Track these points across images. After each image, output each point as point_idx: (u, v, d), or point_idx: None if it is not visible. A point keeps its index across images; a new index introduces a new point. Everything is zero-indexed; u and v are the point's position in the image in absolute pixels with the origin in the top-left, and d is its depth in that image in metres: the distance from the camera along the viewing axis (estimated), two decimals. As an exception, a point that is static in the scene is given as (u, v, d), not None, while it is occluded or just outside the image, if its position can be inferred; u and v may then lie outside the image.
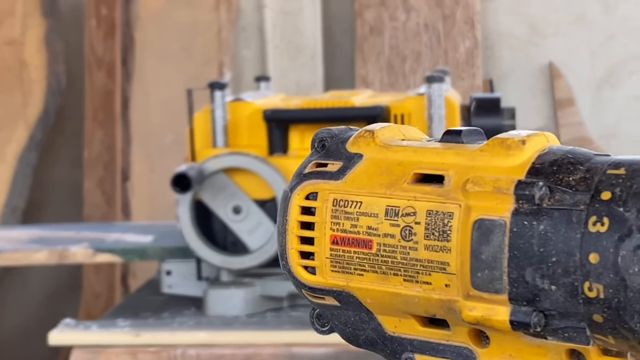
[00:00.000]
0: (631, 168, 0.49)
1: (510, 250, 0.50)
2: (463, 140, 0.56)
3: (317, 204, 0.55)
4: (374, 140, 0.56)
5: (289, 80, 3.24)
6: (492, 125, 1.63)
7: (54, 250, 1.73)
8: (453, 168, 0.52)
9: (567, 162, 0.51)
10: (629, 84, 3.35)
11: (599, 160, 0.51)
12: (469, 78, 3.25)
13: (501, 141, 0.53)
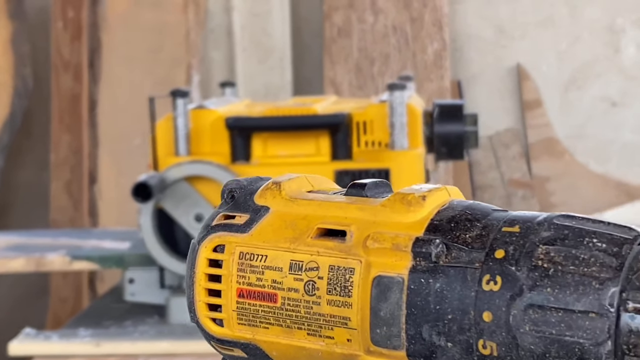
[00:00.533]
0: (525, 226, 0.50)
1: (407, 308, 0.51)
2: (367, 193, 0.56)
3: (224, 256, 0.56)
4: (280, 193, 0.56)
5: (257, 82, 3.23)
6: (455, 132, 1.64)
7: (30, 258, 1.72)
8: (355, 223, 0.52)
9: (464, 219, 0.51)
10: (595, 86, 3.37)
11: (496, 216, 0.51)
12: (437, 80, 3.26)
13: (402, 197, 0.54)
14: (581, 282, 0.46)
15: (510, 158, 3.41)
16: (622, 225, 0.47)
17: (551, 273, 0.46)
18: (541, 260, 0.46)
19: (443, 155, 1.65)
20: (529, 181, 3.40)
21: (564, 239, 0.46)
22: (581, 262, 0.46)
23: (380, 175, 1.48)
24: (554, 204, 3.40)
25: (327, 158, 1.52)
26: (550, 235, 0.47)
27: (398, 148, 1.49)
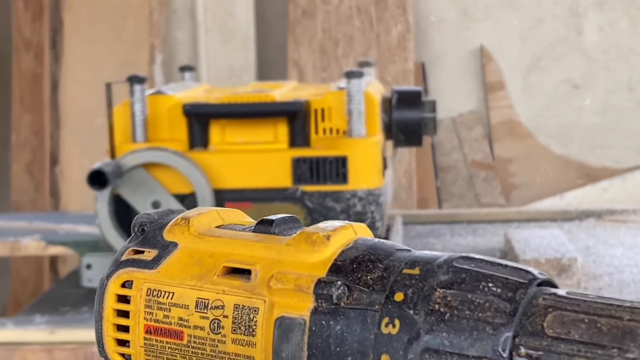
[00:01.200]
0: (425, 268, 0.49)
1: (309, 349, 0.50)
2: (275, 230, 0.56)
3: (132, 292, 0.55)
4: (189, 229, 0.56)
5: (221, 63, 3.21)
6: (413, 118, 1.64)
7: (5, 242, 1.70)
8: (261, 262, 0.52)
9: (367, 260, 0.51)
10: (558, 68, 3.38)
11: (398, 257, 0.51)
12: (401, 62, 3.26)
13: (307, 236, 0.53)
14: (476, 327, 0.46)
15: (473, 140, 3.42)
16: (520, 268, 0.47)
17: (447, 317, 0.46)
18: (438, 304, 0.46)
19: (401, 141, 1.65)
20: (491, 163, 3.41)
21: (461, 283, 0.46)
22: (476, 307, 0.46)
23: (337, 163, 1.48)
24: (516, 185, 3.42)
25: (284, 145, 1.51)
26: (448, 278, 0.47)
27: (355, 136, 1.49)
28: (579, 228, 1.95)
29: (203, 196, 1.46)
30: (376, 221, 1.48)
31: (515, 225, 1.99)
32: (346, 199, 1.47)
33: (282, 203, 1.48)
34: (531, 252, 1.58)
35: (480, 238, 1.91)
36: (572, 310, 0.46)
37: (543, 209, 2.15)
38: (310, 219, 1.48)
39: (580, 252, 1.72)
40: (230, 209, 0.60)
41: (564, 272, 1.53)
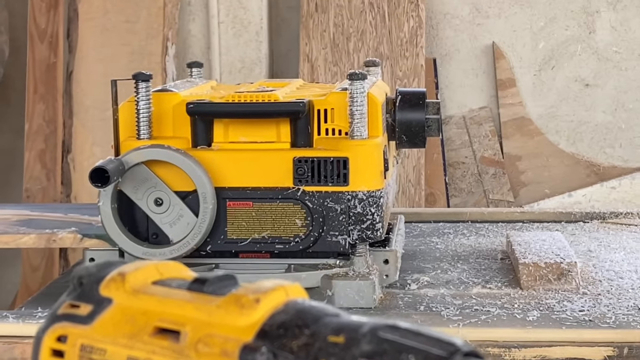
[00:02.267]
0: (350, 336, 0.48)
1: None
2: (207, 290, 0.54)
3: (66, 347, 0.55)
4: (124, 285, 0.55)
5: (233, 56, 3.21)
6: (417, 120, 1.63)
7: (42, 234, 1.71)
8: (191, 323, 0.51)
9: (294, 325, 0.50)
10: (569, 66, 3.36)
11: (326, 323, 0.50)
12: (412, 57, 3.24)
13: (236, 298, 0.52)
14: None
15: (482, 136, 3.41)
16: (444, 339, 0.46)
17: None
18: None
19: (404, 143, 1.64)
20: (500, 159, 3.40)
21: (382, 354, 0.46)
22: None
23: (338, 164, 1.48)
24: (525, 182, 3.40)
25: (287, 145, 1.51)
26: (371, 349, 0.46)
27: (357, 137, 1.48)
28: (582, 230, 1.94)
29: (204, 194, 1.46)
30: (376, 223, 1.47)
31: (518, 226, 1.98)
32: (346, 200, 1.47)
33: (283, 203, 1.48)
34: (531, 255, 1.58)
35: (484, 238, 1.90)
36: None
37: (547, 210, 2.14)
38: (310, 218, 1.48)
39: (581, 255, 1.71)
40: (170, 263, 0.59)
41: (563, 277, 1.53)
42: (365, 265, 1.51)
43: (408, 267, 1.69)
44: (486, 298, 1.49)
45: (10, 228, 1.77)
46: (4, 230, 1.75)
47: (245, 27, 3.21)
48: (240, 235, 1.50)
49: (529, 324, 1.35)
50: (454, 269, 1.67)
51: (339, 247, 1.49)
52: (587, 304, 1.44)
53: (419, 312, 1.43)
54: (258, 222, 1.49)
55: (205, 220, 1.47)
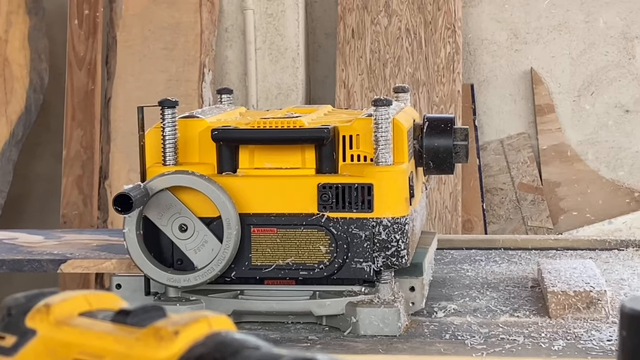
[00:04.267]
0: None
1: None
2: (130, 321, 0.53)
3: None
4: (48, 317, 0.54)
5: (270, 81, 3.23)
6: (444, 146, 1.62)
7: (123, 259, 1.72)
8: (110, 356, 0.51)
9: (212, 358, 0.48)
10: (608, 92, 3.33)
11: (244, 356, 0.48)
12: (449, 83, 3.23)
13: (156, 331, 0.51)
14: None
15: (521, 162, 3.38)
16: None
17: None
18: None
19: (432, 169, 1.63)
20: (539, 186, 3.37)
21: None
22: None
23: (363, 190, 1.47)
24: (564, 209, 3.36)
25: (312, 171, 1.50)
26: None
27: (382, 163, 1.47)
28: (617, 258, 1.90)
29: (228, 220, 1.46)
30: (401, 250, 1.46)
31: (551, 253, 1.96)
32: (371, 226, 1.46)
33: (307, 229, 1.47)
34: (561, 284, 1.55)
35: (515, 265, 1.88)
36: None
37: (581, 237, 2.10)
38: (334, 245, 1.47)
39: (613, 284, 1.68)
40: (102, 294, 0.58)
41: (592, 306, 1.50)
42: (391, 292, 1.49)
43: (436, 294, 1.67)
44: (513, 327, 1.47)
45: (91, 253, 1.79)
46: (85, 255, 1.76)
47: (282, 54, 3.22)
48: (264, 261, 1.49)
49: (554, 353, 1.33)
50: (483, 297, 1.65)
51: (364, 274, 1.48)
52: (615, 333, 1.41)
53: (444, 340, 1.41)
54: (282, 249, 1.49)
55: (229, 246, 1.47)
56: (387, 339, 1.43)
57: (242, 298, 1.51)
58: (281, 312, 1.50)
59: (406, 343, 1.40)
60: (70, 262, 1.68)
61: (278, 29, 3.21)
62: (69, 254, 1.72)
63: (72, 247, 1.79)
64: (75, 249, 1.77)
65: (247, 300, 1.50)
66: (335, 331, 1.47)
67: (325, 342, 1.43)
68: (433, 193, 3.16)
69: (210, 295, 1.52)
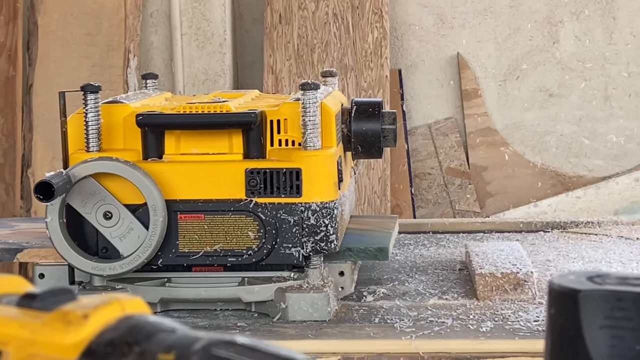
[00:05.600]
0: (181, 354, 0.46)
1: None
2: (37, 305, 0.51)
3: None
4: None
5: (197, 67, 3.19)
6: (372, 130, 1.62)
7: None
8: (14, 342, 0.49)
9: (124, 343, 0.47)
10: (533, 77, 3.37)
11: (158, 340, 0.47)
12: (377, 68, 3.24)
13: (63, 315, 0.49)
14: None
15: (448, 147, 3.41)
16: (284, 355, 0.44)
17: None
18: None
19: (360, 153, 1.63)
20: (466, 170, 3.40)
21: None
22: None
23: (291, 175, 1.46)
24: (491, 192, 3.40)
25: (239, 156, 1.49)
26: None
27: (310, 148, 1.46)
28: (542, 240, 1.93)
29: (155, 207, 1.43)
30: (330, 234, 1.45)
31: (479, 236, 1.97)
32: (300, 211, 1.45)
33: (235, 215, 1.46)
34: (488, 266, 1.57)
35: (443, 249, 1.89)
36: None
37: (508, 220, 2.13)
38: (263, 231, 1.46)
39: (539, 265, 1.70)
40: (8, 277, 0.57)
41: (519, 287, 1.52)
42: (320, 277, 1.49)
43: (365, 278, 1.67)
44: (442, 309, 1.47)
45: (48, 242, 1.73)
46: (42, 244, 1.68)
47: (208, 39, 3.19)
48: (192, 248, 1.47)
49: (482, 334, 1.34)
50: (412, 280, 1.65)
51: (293, 259, 1.47)
52: (542, 314, 1.43)
53: (373, 324, 1.41)
54: (210, 235, 1.47)
55: (155, 233, 1.44)
56: (317, 324, 1.43)
57: (169, 286, 1.49)
58: (209, 299, 1.48)
59: (336, 328, 1.40)
60: (27, 252, 1.64)
61: (204, 14, 3.17)
62: (24, 243, 1.67)
63: (27, 236, 1.74)
64: (30, 238, 1.72)
65: (175, 288, 1.48)
66: (264, 317, 1.46)
67: (255, 329, 1.41)
68: (362, 178, 3.17)
69: (137, 284, 1.50)
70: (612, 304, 0.44)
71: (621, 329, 0.44)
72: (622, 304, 0.44)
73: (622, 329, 0.44)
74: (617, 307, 0.44)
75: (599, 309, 0.44)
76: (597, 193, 3.31)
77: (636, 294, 0.44)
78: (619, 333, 0.44)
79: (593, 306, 0.44)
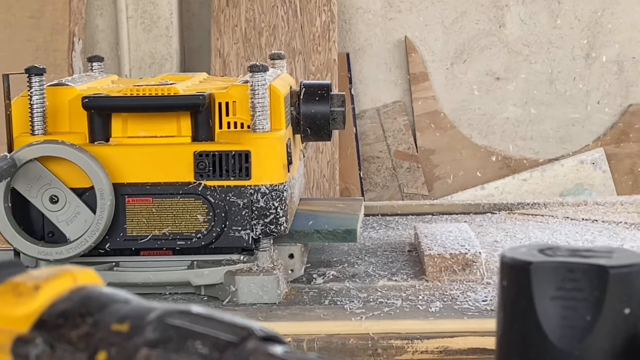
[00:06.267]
0: (135, 324, 0.45)
1: None
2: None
3: None
4: None
5: (143, 51, 3.16)
6: (321, 113, 1.62)
7: None
8: None
9: (76, 314, 0.46)
10: (479, 60, 3.39)
11: (112, 310, 0.47)
12: (325, 52, 3.23)
13: (14, 286, 0.49)
14: None
15: (396, 130, 3.42)
16: (239, 324, 0.44)
17: None
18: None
19: (309, 136, 1.63)
20: (414, 153, 3.41)
21: (167, 342, 0.43)
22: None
23: (240, 157, 1.45)
24: (439, 175, 3.42)
25: (187, 139, 1.48)
26: (155, 336, 0.43)
27: (259, 130, 1.46)
28: (490, 221, 1.95)
29: (102, 190, 1.42)
30: (280, 217, 1.45)
31: (428, 218, 1.99)
32: (249, 194, 1.44)
33: (184, 198, 1.45)
34: (437, 247, 1.58)
35: (392, 231, 1.90)
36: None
37: (456, 202, 2.14)
38: (212, 214, 1.45)
39: (487, 246, 1.72)
40: None
41: (467, 267, 1.53)
42: (270, 260, 1.49)
43: (315, 261, 1.67)
44: (391, 290, 1.48)
45: None
46: None
47: (154, 22, 3.15)
48: (140, 232, 1.46)
49: (432, 315, 1.35)
50: (361, 262, 1.66)
51: (242, 242, 1.47)
52: (490, 294, 1.44)
53: (323, 306, 1.42)
54: (158, 219, 1.46)
55: (103, 217, 1.43)
56: (267, 306, 1.42)
57: (117, 270, 1.48)
58: (158, 283, 1.47)
59: (286, 310, 1.40)
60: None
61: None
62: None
63: None
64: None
65: (123, 272, 1.47)
66: (214, 300, 1.46)
67: (204, 312, 1.40)
68: (311, 162, 3.17)
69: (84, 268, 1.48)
70: (563, 275, 0.45)
71: (572, 300, 0.44)
72: (573, 275, 0.44)
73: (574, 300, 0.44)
74: (568, 279, 0.44)
75: (550, 281, 0.45)
76: (543, 175, 3.36)
77: (587, 265, 0.45)
78: (570, 304, 0.44)
79: (544, 278, 0.45)
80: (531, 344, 0.45)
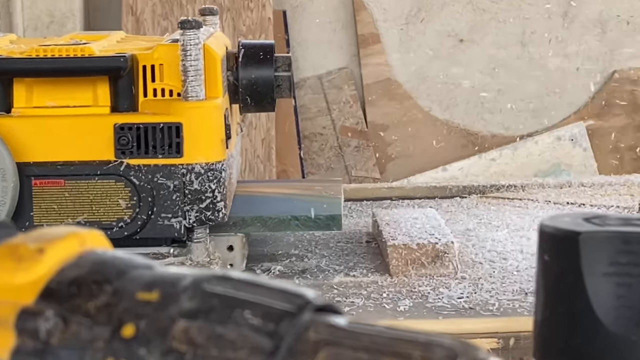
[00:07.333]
0: (166, 292, 0.45)
1: None
2: None
3: None
4: None
5: (39, 8, 3.12)
6: (264, 78, 1.61)
7: None
8: None
9: (91, 281, 0.46)
10: (440, 19, 3.42)
11: (134, 276, 0.46)
12: (257, 9, 3.23)
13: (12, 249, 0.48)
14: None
15: (342, 102, 3.43)
16: (290, 291, 0.43)
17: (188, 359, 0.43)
18: (178, 341, 0.43)
19: (250, 106, 1.62)
20: (364, 129, 3.43)
21: (208, 312, 0.43)
22: (227, 344, 0.42)
23: (170, 131, 1.44)
24: (392, 155, 3.44)
25: (106, 110, 1.46)
26: (194, 306, 0.43)
27: (192, 99, 1.45)
28: (460, 207, 1.97)
29: (3, 171, 1.40)
30: (217, 201, 1.45)
31: (386, 204, 2.00)
32: (181, 174, 1.44)
33: (103, 180, 1.44)
34: (402, 236, 1.59)
35: (346, 219, 1.90)
36: (351, 346, 0.42)
37: (419, 185, 2.16)
38: (137, 198, 1.44)
39: (459, 235, 1.73)
40: None
41: (438, 260, 1.54)
42: (205, 252, 1.48)
43: (257, 254, 1.67)
44: (350, 288, 1.49)
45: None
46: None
47: (53, -27, 3.11)
48: (50, 220, 1.45)
49: (401, 315, 1.36)
50: (312, 256, 1.66)
51: (173, 231, 1.46)
52: (466, 289, 1.46)
53: (271, 306, 1.42)
54: (72, 204, 1.45)
55: (5, 202, 1.41)
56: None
57: None
58: (73, 282, 1.46)
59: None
60: None
61: (48, -58, 3.10)
62: None
63: None
64: None
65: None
66: (140, 302, 1.45)
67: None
68: (242, 139, 3.16)
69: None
70: (617, 247, 0.45)
71: (628, 276, 0.45)
72: (629, 247, 0.45)
73: (629, 276, 0.45)
74: (623, 251, 0.45)
75: (602, 254, 0.45)
76: (514, 154, 3.40)
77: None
78: (625, 281, 0.45)
79: (595, 250, 0.45)
80: (580, 328, 0.46)
